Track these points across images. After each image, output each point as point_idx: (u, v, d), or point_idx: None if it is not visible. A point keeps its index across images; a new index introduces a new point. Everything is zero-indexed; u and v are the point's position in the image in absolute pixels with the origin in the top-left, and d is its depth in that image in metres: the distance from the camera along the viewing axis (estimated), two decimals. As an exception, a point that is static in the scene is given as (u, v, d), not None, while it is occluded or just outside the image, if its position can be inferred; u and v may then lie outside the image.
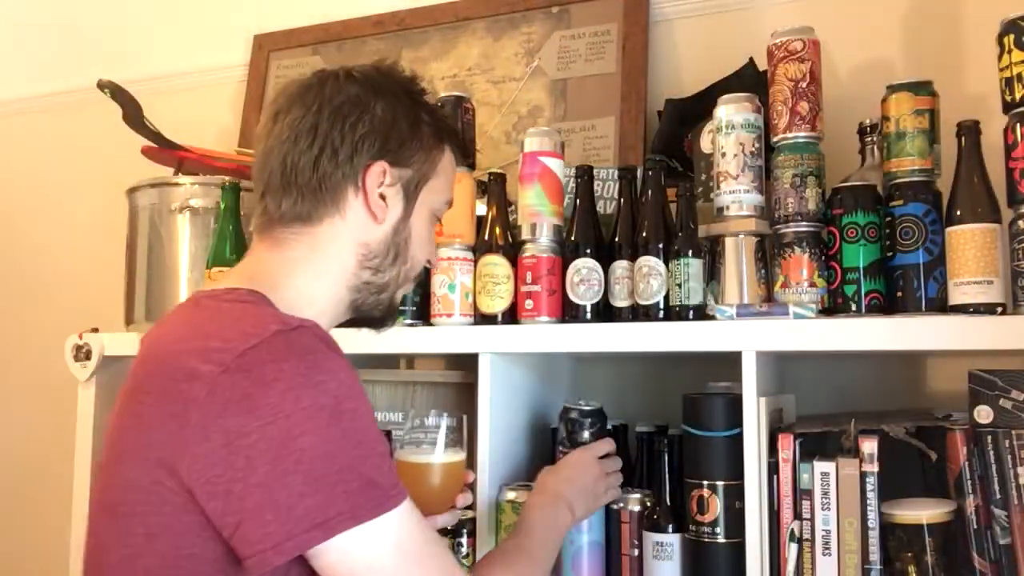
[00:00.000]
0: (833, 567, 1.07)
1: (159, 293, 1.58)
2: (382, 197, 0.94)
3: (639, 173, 1.34)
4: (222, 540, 0.76)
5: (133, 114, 1.62)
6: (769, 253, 1.27)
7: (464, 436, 1.09)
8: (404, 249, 0.98)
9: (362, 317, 1.00)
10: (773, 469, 1.12)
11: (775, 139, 1.25)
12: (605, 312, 1.30)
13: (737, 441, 1.13)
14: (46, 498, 2.01)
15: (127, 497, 0.81)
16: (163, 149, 1.66)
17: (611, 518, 1.25)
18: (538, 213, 1.32)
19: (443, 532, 1.19)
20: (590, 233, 1.32)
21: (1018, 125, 1.08)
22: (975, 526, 1.07)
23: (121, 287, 1.64)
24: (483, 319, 1.33)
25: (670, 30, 1.63)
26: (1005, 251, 1.10)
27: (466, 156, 1.28)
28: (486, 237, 1.35)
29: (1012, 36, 1.09)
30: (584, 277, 1.30)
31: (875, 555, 1.06)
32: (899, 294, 1.17)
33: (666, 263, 1.25)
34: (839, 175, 1.28)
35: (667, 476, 1.23)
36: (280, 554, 0.74)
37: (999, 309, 1.08)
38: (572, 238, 1.32)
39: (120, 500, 0.82)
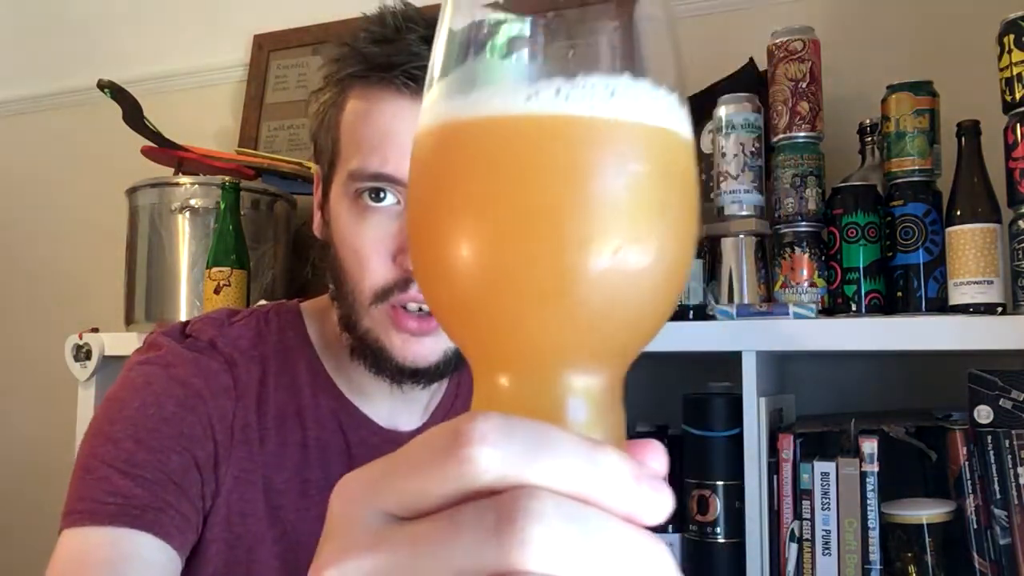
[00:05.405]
0: (833, 567, 1.07)
1: (159, 293, 1.58)
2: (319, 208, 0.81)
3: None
4: None
5: (133, 114, 1.62)
6: (769, 253, 1.27)
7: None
8: (334, 259, 0.77)
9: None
10: (773, 469, 1.12)
11: (775, 139, 1.25)
12: (605, 312, 1.29)
13: (737, 441, 1.13)
14: (46, 498, 2.01)
15: None
16: (163, 149, 1.65)
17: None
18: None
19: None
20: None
21: (1018, 125, 1.08)
22: (975, 526, 1.07)
23: (121, 287, 1.64)
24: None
25: (670, 30, 1.63)
26: (1005, 251, 1.10)
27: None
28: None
29: (1012, 36, 1.09)
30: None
31: (875, 555, 1.06)
32: (899, 294, 1.17)
33: (666, 263, 1.25)
34: (839, 175, 1.28)
35: (667, 476, 1.23)
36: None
37: (999, 309, 1.08)
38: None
39: None
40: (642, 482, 0.25)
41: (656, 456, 0.28)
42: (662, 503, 0.25)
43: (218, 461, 0.74)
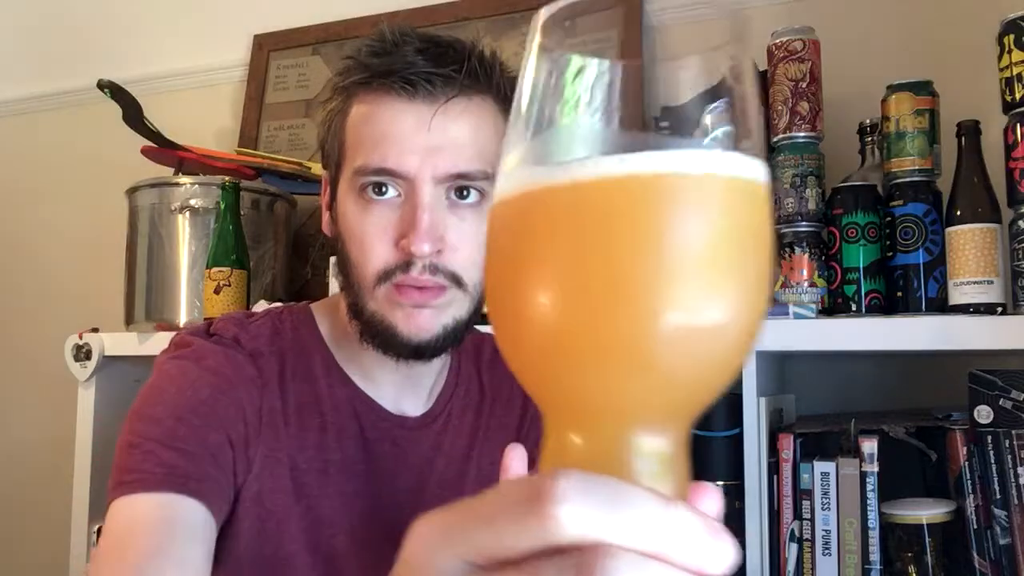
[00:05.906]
0: (833, 567, 1.07)
1: (159, 293, 1.58)
2: (328, 209, 0.87)
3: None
4: None
5: (133, 114, 1.62)
6: (769, 253, 1.27)
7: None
8: (342, 251, 0.83)
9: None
10: (773, 469, 1.12)
11: (775, 139, 1.25)
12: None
13: (737, 441, 1.13)
14: (46, 498, 2.01)
15: None
16: (163, 149, 1.65)
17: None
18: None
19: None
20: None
21: (1018, 125, 1.08)
22: (975, 526, 1.07)
23: (121, 287, 1.64)
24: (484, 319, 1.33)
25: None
26: (1005, 251, 1.10)
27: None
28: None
29: (1012, 36, 1.09)
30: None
31: (875, 555, 1.06)
32: (899, 294, 1.17)
33: (666, 263, 1.25)
34: (839, 175, 1.28)
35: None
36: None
37: (999, 309, 1.08)
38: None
39: None
40: (710, 536, 0.26)
41: (712, 499, 0.31)
42: (727, 555, 0.27)
43: (249, 442, 0.80)
